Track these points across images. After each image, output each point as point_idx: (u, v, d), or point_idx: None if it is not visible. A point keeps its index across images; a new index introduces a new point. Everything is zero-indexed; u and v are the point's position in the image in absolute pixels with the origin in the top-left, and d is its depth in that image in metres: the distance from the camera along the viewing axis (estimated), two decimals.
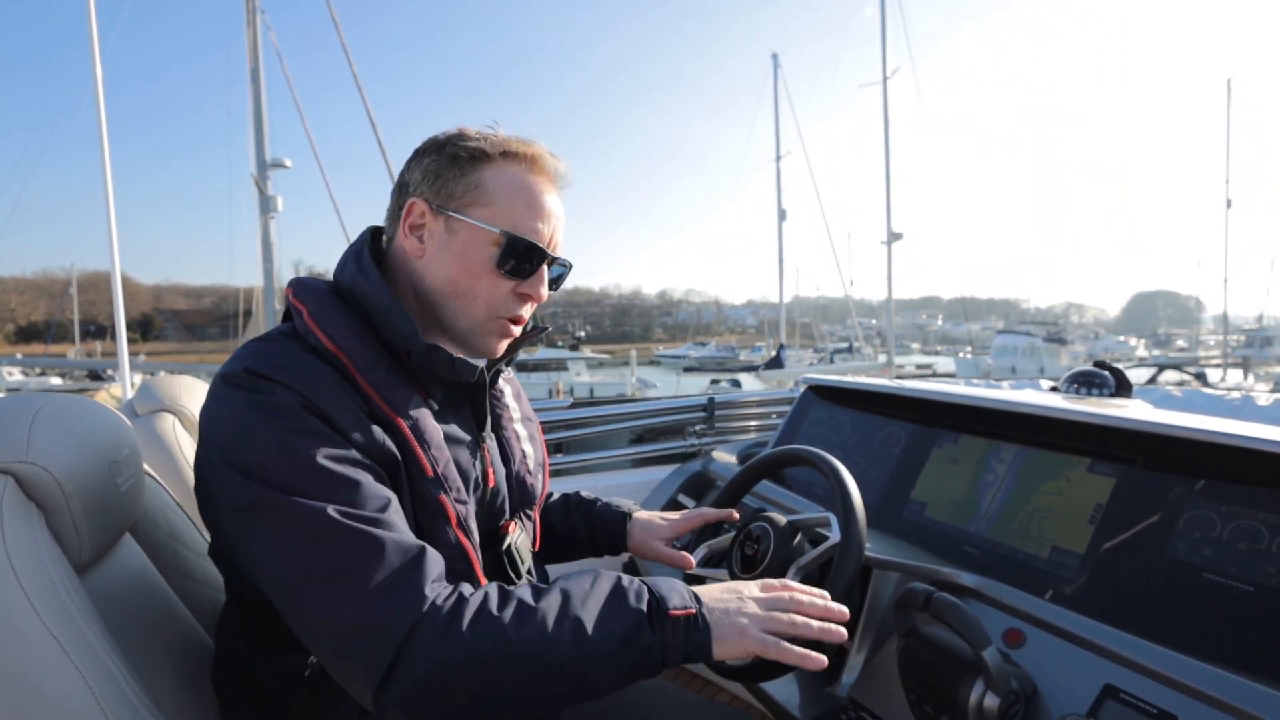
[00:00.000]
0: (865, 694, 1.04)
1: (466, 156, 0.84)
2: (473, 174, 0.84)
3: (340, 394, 0.75)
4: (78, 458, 0.76)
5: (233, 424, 0.72)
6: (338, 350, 0.78)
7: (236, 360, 0.76)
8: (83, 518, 0.75)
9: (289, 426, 0.71)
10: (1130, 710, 0.81)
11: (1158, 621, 0.88)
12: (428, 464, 0.80)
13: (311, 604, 0.68)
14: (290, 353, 0.77)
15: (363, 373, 0.78)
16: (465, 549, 0.83)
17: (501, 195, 0.84)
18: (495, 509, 0.94)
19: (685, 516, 1.15)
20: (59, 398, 0.80)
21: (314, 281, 0.87)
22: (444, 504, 0.81)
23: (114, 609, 0.77)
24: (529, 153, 0.86)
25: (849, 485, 1.01)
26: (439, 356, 0.82)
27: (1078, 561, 1.01)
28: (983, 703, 0.82)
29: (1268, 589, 0.82)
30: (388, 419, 0.78)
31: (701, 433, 2.38)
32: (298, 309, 0.82)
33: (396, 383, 0.81)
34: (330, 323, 0.80)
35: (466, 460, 0.87)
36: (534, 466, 1.02)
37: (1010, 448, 1.21)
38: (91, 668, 0.68)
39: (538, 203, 0.86)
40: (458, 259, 0.84)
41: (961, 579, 1.06)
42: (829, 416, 1.66)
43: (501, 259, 0.85)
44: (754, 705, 1.57)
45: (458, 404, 0.91)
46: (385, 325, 0.81)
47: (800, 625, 0.78)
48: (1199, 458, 0.96)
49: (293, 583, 0.68)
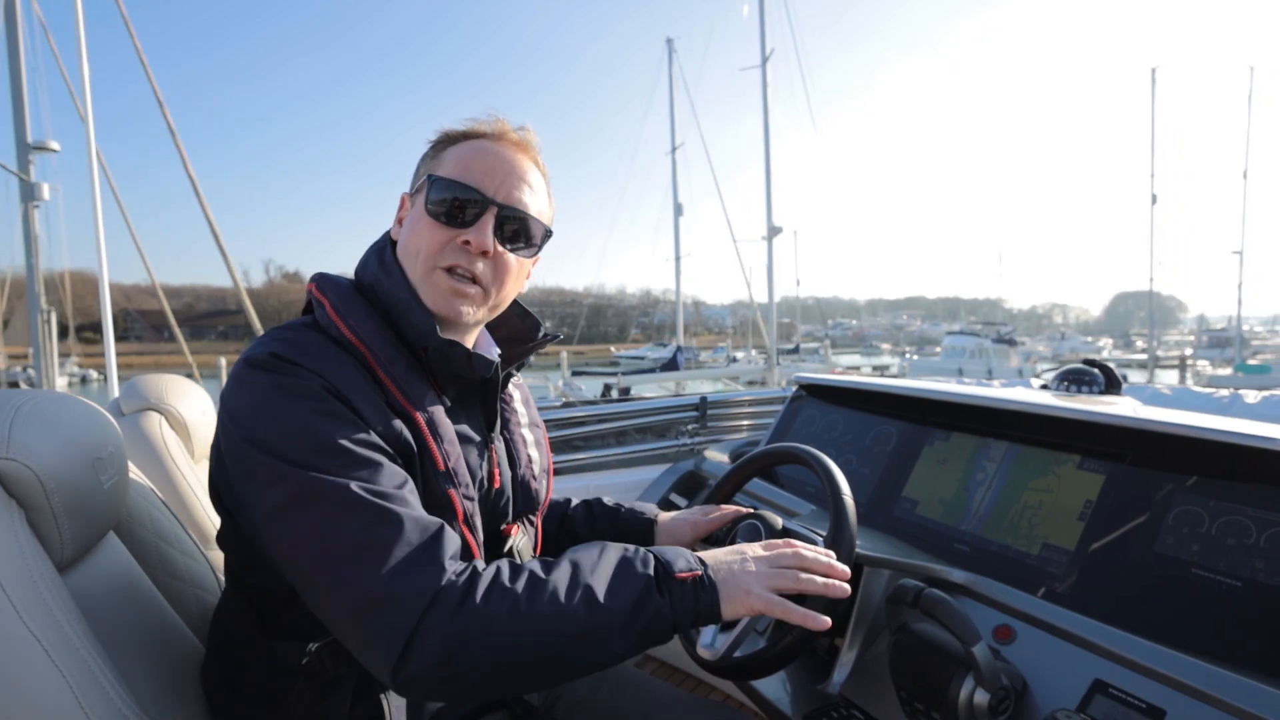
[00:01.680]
0: (856, 691, 1.04)
1: (442, 142, 0.89)
2: (441, 154, 0.88)
3: (361, 382, 0.78)
4: (60, 455, 0.75)
5: (257, 404, 0.73)
6: (359, 342, 0.80)
7: (260, 345, 0.77)
8: (64, 515, 0.74)
9: (313, 408, 0.72)
10: (1119, 705, 0.81)
11: (1147, 617, 0.88)
12: (440, 457, 0.81)
13: (333, 578, 0.68)
14: (314, 340, 0.79)
15: (382, 365, 0.80)
16: (470, 545, 0.83)
17: (453, 159, 0.87)
18: (499, 510, 0.94)
19: (708, 519, 1.15)
20: (41, 394, 0.79)
21: (337, 277, 0.89)
22: (452, 499, 0.81)
23: (97, 608, 0.76)
24: (493, 129, 0.89)
25: (840, 483, 1.01)
26: (456, 352, 0.84)
27: (1068, 558, 1.01)
28: (973, 699, 0.82)
29: (1255, 584, 0.83)
30: (404, 410, 0.80)
31: (694, 432, 2.39)
32: (320, 301, 0.84)
33: (413, 377, 0.83)
34: (352, 315, 0.82)
35: (474, 459, 0.88)
36: (539, 472, 1.03)
37: (1001, 445, 1.21)
38: (73, 667, 0.67)
39: (486, 157, 0.87)
40: (409, 222, 0.88)
41: (952, 576, 1.06)
42: (821, 415, 1.67)
43: (431, 203, 0.85)
44: (746, 704, 1.57)
45: (469, 403, 0.93)
46: (404, 321, 0.83)
47: (804, 581, 0.79)
48: (1188, 454, 0.96)
49: (314, 557, 0.69)
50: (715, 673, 0.99)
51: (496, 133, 0.89)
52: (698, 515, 1.17)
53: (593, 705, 1.06)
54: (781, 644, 0.92)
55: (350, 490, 0.69)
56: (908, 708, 0.90)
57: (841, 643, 1.09)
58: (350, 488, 0.69)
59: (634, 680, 1.11)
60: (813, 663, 1.13)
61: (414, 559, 0.69)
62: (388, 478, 0.73)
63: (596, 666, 0.73)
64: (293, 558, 0.70)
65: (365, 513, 0.69)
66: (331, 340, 0.80)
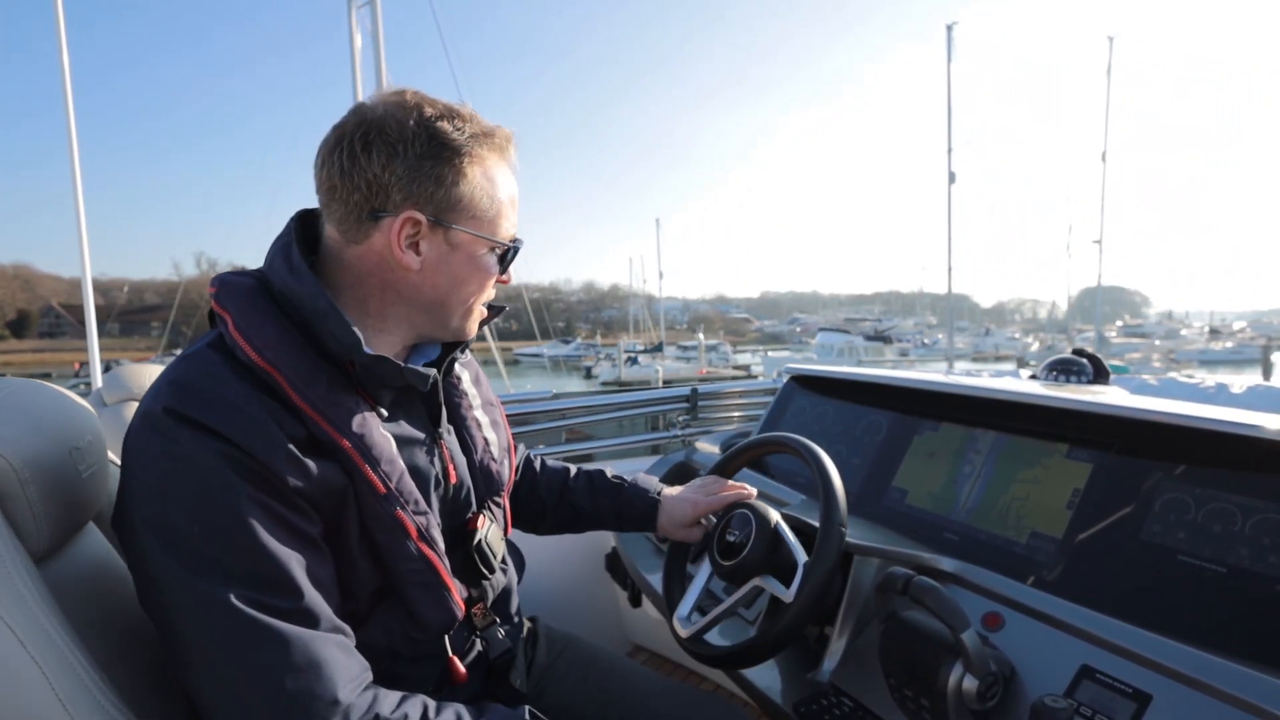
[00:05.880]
0: (846, 679, 1.04)
1: (452, 155, 0.78)
2: (466, 178, 0.79)
3: (272, 427, 0.69)
4: (35, 443, 0.73)
5: (146, 480, 0.68)
6: (269, 367, 0.72)
7: (158, 392, 0.70)
8: (41, 505, 0.72)
9: (203, 487, 0.66)
10: (1106, 690, 0.81)
11: (1134, 603, 0.88)
12: (379, 482, 0.76)
13: (196, 685, 0.67)
14: (219, 378, 0.70)
15: (299, 390, 0.72)
16: (430, 559, 0.81)
17: (492, 200, 0.82)
18: (460, 503, 0.93)
19: (708, 500, 1.16)
20: (16, 382, 0.77)
21: (240, 280, 0.77)
22: (401, 519, 0.78)
23: (75, 599, 0.74)
24: (503, 138, 0.84)
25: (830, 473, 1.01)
26: (386, 368, 0.77)
27: (1056, 546, 1.01)
28: (962, 685, 0.82)
29: (1240, 570, 0.83)
30: (330, 441, 0.74)
31: (685, 423, 2.39)
32: (222, 318, 0.74)
33: (338, 396, 0.75)
34: (259, 334, 0.72)
35: (423, 461, 0.85)
36: (498, 453, 1.00)
37: (989, 435, 1.22)
38: (49, 659, 0.65)
39: (515, 199, 0.86)
40: (460, 269, 0.82)
41: (941, 564, 1.07)
42: (812, 405, 1.67)
43: (504, 267, 0.86)
44: (736, 694, 1.57)
45: (409, 404, 0.87)
46: (324, 334, 0.75)
47: None
48: (1174, 443, 0.97)
49: (185, 663, 0.67)
50: (706, 662, 0.99)
51: (506, 145, 0.84)
52: (698, 494, 1.19)
53: (582, 695, 1.05)
54: (771, 633, 0.92)
55: (230, 605, 0.64)
56: (897, 695, 0.90)
57: (831, 631, 1.09)
58: (230, 601, 0.64)
59: (623, 669, 1.10)
60: (802, 651, 1.13)
61: (293, 690, 0.65)
62: (284, 580, 0.67)
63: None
64: (171, 653, 0.69)
65: (244, 629, 0.64)
66: (241, 365, 0.72)
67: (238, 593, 0.65)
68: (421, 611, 0.83)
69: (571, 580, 2.03)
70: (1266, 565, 0.82)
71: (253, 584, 0.66)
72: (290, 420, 0.72)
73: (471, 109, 0.82)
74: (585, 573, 2.05)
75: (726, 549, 1.03)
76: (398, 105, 0.77)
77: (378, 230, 0.77)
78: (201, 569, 0.65)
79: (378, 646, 0.81)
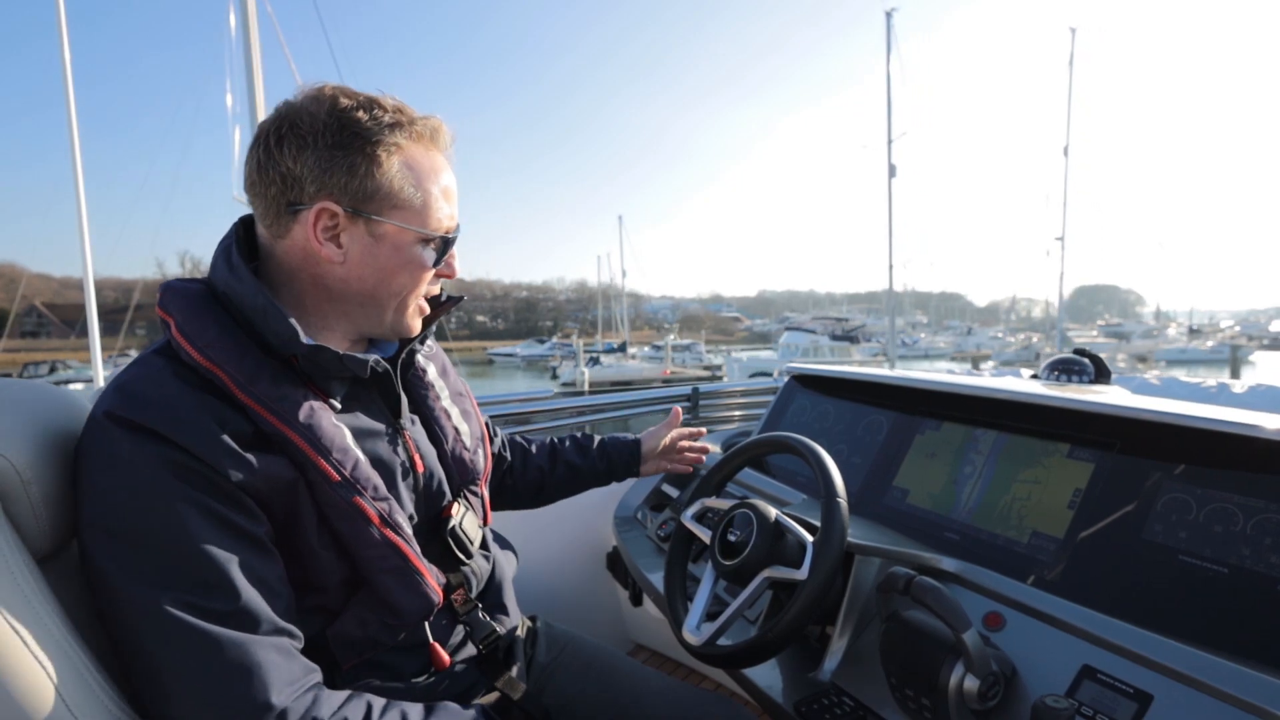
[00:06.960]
0: (847, 678, 1.04)
1: (367, 143, 0.77)
2: (382, 167, 0.78)
3: (213, 425, 0.70)
4: (37, 444, 0.73)
5: (90, 484, 0.69)
6: (212, 365, 0.73)
7: (102, 398, 0.72)
8: (43, 506, 0.72)
9: (141, 490, 0.67)
10: (1107, 690, 0.81)
11: (1135, 603, 0.88)
12: (331, 470, 0.77)
13: (143, 693, 0.67)
14: (160, 381, 0.72)
15: (243, 387, 0.73)
16: (396, 544, 0.81)
17: (418, 189, 0.81)
18: (434, 493, 0.93)
19: (670, 419, 1.44)
20: (17, 383, 0.77)
21: (186, 285, 0.79)
22: (360, 506, 0.78)
23: (77, 599, 0.74)
24: (428, 127, 0.82)
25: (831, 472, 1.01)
26: (325, 356, 0.78)
27: (1057, 546, 1.01)
28: (963, 685, 0.82)
29: (1241, 570, 0.83)
30: (277, 434, 0.74)
31: (685, 423, 2.38)
32: (165, 322, 0.76)
33: (284, 390, 0.76)
34: (201, 335, 0.74)
35: (386, 452, 0.85)
36: (471, 443, 1.00)
37: (991, 434, 1.21)
38: (54, 660, 0.65)
39: (449, 189, 0.85)
40: (388, 261, 0.81)
41: (942, 564, 1.07)
42: (813, 405, 1.67)
43: (436, 258, 0.84)
44: (737, 693, 1.57)
45: (366, 396, 0.88)
46: (265, 330, 0.76)
47: None
48: (1175, 442, 0.97)
49: (127, 665, 0.68)
50: (707, 661, 0.99)
51: (434, 133, 0.83)
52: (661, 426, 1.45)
53: (582, 694, 1.05)
54: (773, 632, 0.92)
55: (163, 611, 0.65)
56: (898, 694, 0.90)
57: (833, 631, 1.09)
58: (163, 607, 0.65)
59: (624, 668, 1.11)
60: (804, 651, 1.13)
61: (222, 694, 0.65)
62: (222, 583, 0.67)
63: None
64: (114, 645, 0.69)
65: (176, 633, 0.65)
66: (184, 367, 0.73)
67: (172, 596, 0.65)
68: (396, 599, 0.83)
69: (572, 579, 2.04)
70: (1268, 565, 0.82)
71: (188, 587, 0.66)
72: (235, 417, 0.73)
73: (397, 100, 0.81)
74: (586, 571, 2.05)
75: (729, 549, 1.03)
76: (313, 98, 0.78)
77: (297, 223, 0.78)
78: (137, 573, 0.66)
79: (356, 638, 0.82)
